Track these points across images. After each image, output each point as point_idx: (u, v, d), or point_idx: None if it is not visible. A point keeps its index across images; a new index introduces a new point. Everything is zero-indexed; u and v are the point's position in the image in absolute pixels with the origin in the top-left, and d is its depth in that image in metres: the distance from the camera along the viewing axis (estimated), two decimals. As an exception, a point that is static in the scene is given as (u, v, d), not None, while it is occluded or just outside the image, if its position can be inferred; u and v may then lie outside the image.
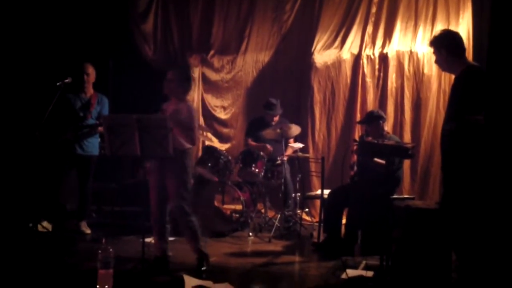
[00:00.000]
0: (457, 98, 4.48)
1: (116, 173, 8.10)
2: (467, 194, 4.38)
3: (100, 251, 4.49)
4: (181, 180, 5.32)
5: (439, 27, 7.33)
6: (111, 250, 4.51)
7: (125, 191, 7.94)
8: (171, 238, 5.65)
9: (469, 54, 6.29)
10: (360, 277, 5.07)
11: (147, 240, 5.44)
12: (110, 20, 8.49)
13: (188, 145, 5.37)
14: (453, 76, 4.78)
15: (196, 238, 5.40)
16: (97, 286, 4.49)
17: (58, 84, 6.30)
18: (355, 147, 5.44)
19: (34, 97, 7.54)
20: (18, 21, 7.86)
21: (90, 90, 6.86)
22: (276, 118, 7.75)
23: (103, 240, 4.56)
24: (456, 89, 4.56)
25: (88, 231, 6.84)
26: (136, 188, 7.72)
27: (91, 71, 6.85)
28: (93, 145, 6.82)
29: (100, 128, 6.55)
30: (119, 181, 7.96)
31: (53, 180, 6.76)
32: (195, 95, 8.64)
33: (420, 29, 7.82)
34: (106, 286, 4.49)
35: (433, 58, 4.90)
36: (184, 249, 5.59)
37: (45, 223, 6.71)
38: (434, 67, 7.54)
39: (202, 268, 5.26)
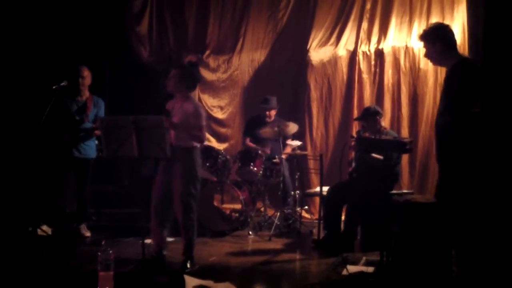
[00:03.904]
0: (451, 91, 4.48)
1: (115, 176, 8.10)
2: (463, 187, 4.39)
3: (100, 253, 4.48)
4: (189, 177, 5.34)
5: (434, 21, 7.32)
6: (111, 252, 4.50)
7: (124, 193, 7.94)
8: (170, 239, 5.64)
9: (465, 48, 6.32)
10: (361, 273, 5.06)
11: (147, 241, 5.44)
12: (106, 22, 8.49)
13: (196, 143, 5.39)
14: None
15: (191, 240, 5.42)
16: (98, 288, 4.49)
17: (54, 87, 6.28)
18: (352, 143, 5.43)
19: (30, 100, 7.52)
20: (13, 24, 7.83)
21: (86, 93, 6.84)
22: (273, 113, 7.75)
23: (103, 242, 4.56)
24: (449, 82, 4.56)
25: (88, 233, 6.83)
26: (135, 190, 7.73)
27: (87, 74, 6.83)
28: (90, 148, 6.81)
29: (97, 131, 6.54)
30: (118, 183, 7.96)
31: (52, 184, 6.76)
32: (192, 95, 8.64)
33: (415, 24, 7.82)
34: (107, 288, 4.49)
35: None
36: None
37: (44, 227, 6.70)
38: (428, 65, 7.55)
39: (186, 270, 5.26)
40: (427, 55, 4.82)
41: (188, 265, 5.33)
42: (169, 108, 5.51)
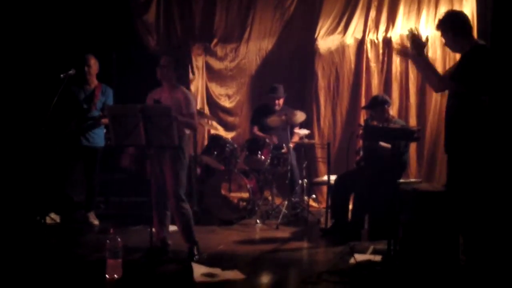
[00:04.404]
0: (460, 76, 4.45)
1: (123, 164, 8.11)
2: (472, 174, 4.37)
3: (108, 241, 4.52)
4: (179, 166, 5.34)
5: (442, 10, 7.26)
6: (119, 240, 4.53)
7: (132, 182, 7.95)
8: (173, 228, 5.65)
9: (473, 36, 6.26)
10: (368, 261, 5.09)
11: (154, 230, 5.46)
12: (113, 12, 8.47)
13: (187, 131, 5.38)
14: (457, 58, 4.75)
15: (188, 226, 5.41)
16: (106, 276, 4.52)
17: (61, 76, 6.29)
18: (360, 132, 5.42)
19: (38, 90, 7.54)
20: (21, 14, 7.84)
21: (94, 82, 6.86)
22: (280, 102, 7.74)
23: (111, 231, 4.59)
24: (461, 65, 4.52)
25: (96, 222, 6.87)
26: (143, 178, 7.73)
27: (93, 62, 6.84)
28: (98, 136, 6.83)
29: (105, 120, 6.55)
30: (126, 171, 7.97)
31: (60, 172, 6.78)
32: (199, 84, 8.66)
33: (424, 12, 7.75)
34: (115, 275, 4.52)
35: (437, 41, 4.86)
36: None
37: (53, 215, 6.74)
38: (439, 50, 7.49)
39: (194, 258, 5.27)
40: (446, 44, 4.78)
41: (195, 252, 5.34)
42: (156, 97, 5.46)
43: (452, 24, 4.58)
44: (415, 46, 4.62)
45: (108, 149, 6.99)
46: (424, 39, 4.65)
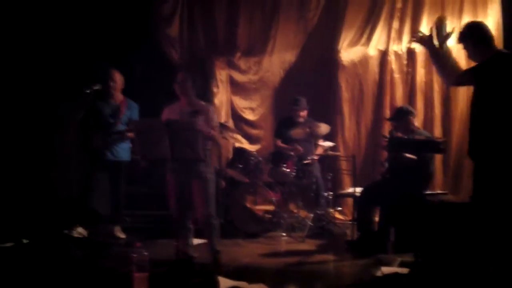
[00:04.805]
0: (481, 84, 4.41)
1: (148, 177, 8.16)
2: (498, 183, 4.30)
3: (134, 255, 4.53)
4: (207, 181, 5.37)
5: (466, 19, 7.22)
6: (145, 253, 4.55)
7: (157, 195, 7.98)
8: (196, 240, 5.66)
9: (499, 45, 6.21)
10: (395, 274, 5.04)
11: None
12: (136, 25, 8.55)
13: (209, 145, 5.42)
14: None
15: (212, 237, 5.43)
16: (133, 289, 4.53)
17: (87, 91, 6.36)
18: (385, 143, 5.39)
19: (64, 104, 7.61)
20: (45, 28, 7.93)
21: (119, 96, 6.91)
22: (303, 114, 7.72)
23: (137, 244, 4.61)
24: (480, 74, 4.48)
25: (122, 235, 6.90)
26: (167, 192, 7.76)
27: (118, 77, 6.88)
28: (124, 150, 6.86)
29: (130, 134, 6.59)
30: (151, 185, 8.02)
31: (86, 186, 6.83)
32: (224, 97, 8.67)
33: (447, 22, 7.69)
34: (142, 289, 4.53)
35: (462, 50, 4.80)
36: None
37: (80, 229, 6.79)
38: (463, 60, 7.42)
39: (219, 264, 5.32)
40: (469, 57, 4.74)
41: (219, 260, 5.37)
42: (173, 112, 5.46)
43: (472, 34, 4.56)
44: (439, 35, 4.57)
45: (133, 163, 7.03)
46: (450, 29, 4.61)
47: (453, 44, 4.84)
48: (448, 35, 4.61)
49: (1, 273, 5.19)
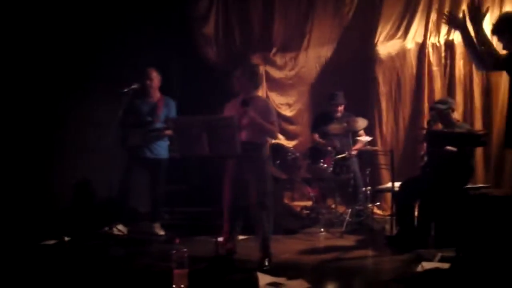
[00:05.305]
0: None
1: (187, 175, 8.21)
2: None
3: (174, 252, 4.57)
4: (262, 175, 5.38)
5: (508, 8, 7.07)
6: (185, 250, 4.58)
7: (196, 192, 8.04)
8: (242, 237, 5.67)
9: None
10: (436, 269, 4.97)
11: (219, 239, 5.50)
12: (173, 25, 8.61)
13: (267, 139, 5.43)
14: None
15: (266, 237, 5.42)
16: (173, 286, 4.57)
17: (125, 90, 6.45)
18: (424, 132, 5.29)
19: (102, 104, 7.71)
20: (85, 30, 8.04)
21: (156, 94, 6.97)
22: (340, 109, 7.67)
23: (177, 241, 4.64)
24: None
25: (162, 232, 6.96)
26: (207, 189, 7.81)
27: (155, 76, 6.95)
28: (162, 147, 6.92)
29: (168, 131, 6.66)
30: (190, 182, 8.07)
31: (125, 184, 6.91)
32: (260, 93, 8.67)
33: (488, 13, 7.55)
34: (182, 286, 4.56)
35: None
36: (254, 247, 5.61)
37: (120, 226, 6.87)
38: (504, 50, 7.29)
39: (264, 268, 5.25)
40: (504, 48, 4.65)
41: (266, 263, 5.33)
42: (233, 108, 5.51)
43: (508, 24, 4.46)
44: (473, 17, 4.45)
45: (172, 160, 7.09)
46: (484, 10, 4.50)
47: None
48: (482, 16, 4.48)
49: (44, 270, 5.30)
